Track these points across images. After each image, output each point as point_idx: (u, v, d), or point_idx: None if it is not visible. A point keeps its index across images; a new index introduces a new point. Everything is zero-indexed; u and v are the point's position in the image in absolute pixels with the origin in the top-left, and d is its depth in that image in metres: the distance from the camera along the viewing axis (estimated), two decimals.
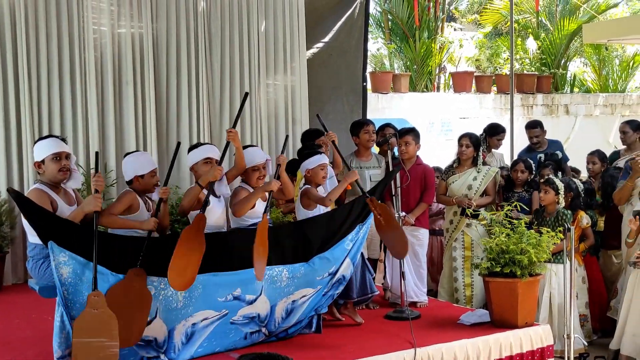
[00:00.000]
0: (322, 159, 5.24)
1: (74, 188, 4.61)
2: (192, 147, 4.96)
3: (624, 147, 7.13)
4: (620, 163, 6.80)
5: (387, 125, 6.80)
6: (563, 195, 5.87)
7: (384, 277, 6.20)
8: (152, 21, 6.92)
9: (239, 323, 4.55)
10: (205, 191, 4.54)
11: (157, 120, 6.96)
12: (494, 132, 7.32)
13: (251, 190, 4.83)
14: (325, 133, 5.46)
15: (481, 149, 6.46)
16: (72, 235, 4.04)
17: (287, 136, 5.41)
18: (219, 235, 4.59)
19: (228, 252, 4.48)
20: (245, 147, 4.94)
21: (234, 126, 4.76)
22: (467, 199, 6.28)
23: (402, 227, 5.24)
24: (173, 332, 4.31)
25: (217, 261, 4.37)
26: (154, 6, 6.93)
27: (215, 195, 4.68)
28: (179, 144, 4.72)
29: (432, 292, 6.64)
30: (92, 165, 5.89)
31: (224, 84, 7.27)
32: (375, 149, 6.73)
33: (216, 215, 4.68)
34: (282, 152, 5.05)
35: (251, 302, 4.55)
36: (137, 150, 6.14)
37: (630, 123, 7.12)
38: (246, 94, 5.01)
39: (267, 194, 4.79)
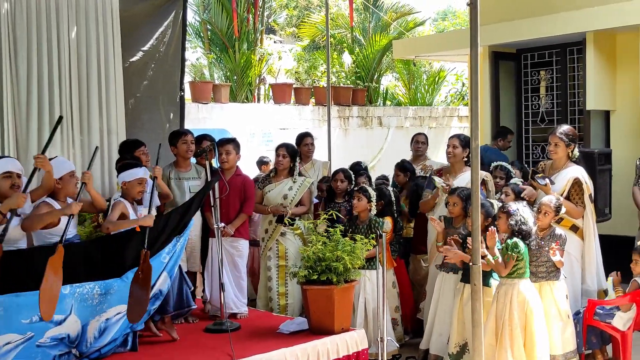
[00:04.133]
0: (141, 172, 5.12)
1: None
2: None
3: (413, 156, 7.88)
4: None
5: (204, 137, 6.74)
6: (375, 203, 6.12)
7: (203, 290, 6.12)
8: None
9: (46, 346, 4.29)
10: (9, 215, 4.28)
11: None
12: (299, 140, 7.44)
13: (56, 205, 4.60)
14: (153, 167, 5.36)
15: (297, 160, 6.60)
16: None
17: (96, 147, 5.21)
18: (20, 253, 4.33)
19: (32, 270, 4.21)
20: (51, 159, 4.72)
21: (44, 152, 4.53)
22: (282, 206, 6.37)
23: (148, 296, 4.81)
24: None
25: (19, 280, 4.11)
26: None
27: (16, 215, 4.40)
28: None
29: (253, 303, 6.66)
30: None
31: (31, 91, 6.78)
32: (194, 160, 6.65)
33: (14, 232, 4.41)
34: (89, 167, 4.87)
35: (60, 323, 4.32)
36: None
37: (425, 135, 8.02)
38: (60, 118, 4.87)
39: (67, 219, 4.56)
